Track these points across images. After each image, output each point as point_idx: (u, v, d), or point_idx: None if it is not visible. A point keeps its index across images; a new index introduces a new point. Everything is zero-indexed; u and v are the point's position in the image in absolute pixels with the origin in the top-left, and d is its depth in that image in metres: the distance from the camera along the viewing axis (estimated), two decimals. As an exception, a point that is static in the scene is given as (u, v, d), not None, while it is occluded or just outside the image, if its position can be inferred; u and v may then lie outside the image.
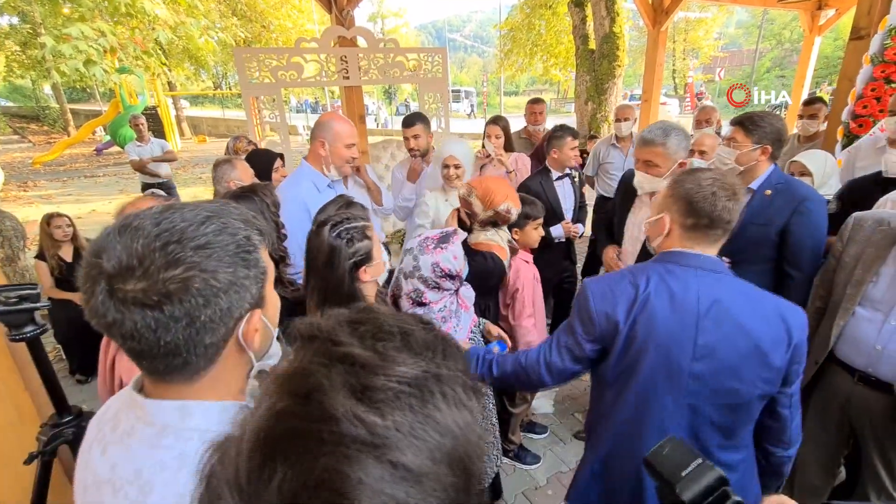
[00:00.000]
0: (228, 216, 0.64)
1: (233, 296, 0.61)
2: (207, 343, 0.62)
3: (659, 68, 5.88)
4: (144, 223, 0.58)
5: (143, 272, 0.55)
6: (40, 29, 12.29)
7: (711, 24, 25.65)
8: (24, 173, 12.36)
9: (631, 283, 1.20)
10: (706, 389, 1.14)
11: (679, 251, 1.21)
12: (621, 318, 1.18)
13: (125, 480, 0.61)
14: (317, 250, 1.29)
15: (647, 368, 1.16)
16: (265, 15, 16.61)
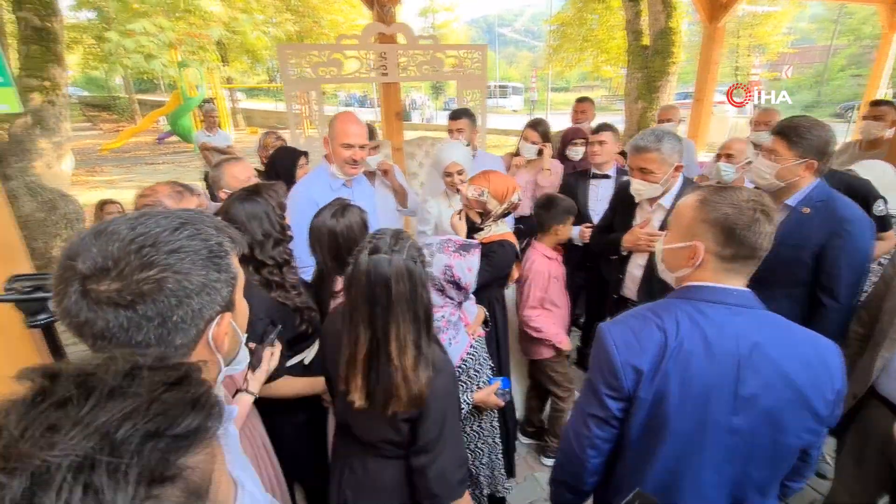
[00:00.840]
0: (201, 223, 0.66)
1: (204, 297, 0.63)
2: (178, 344, 0.63)
3: (714, 66, 5.52)
4: (120, 228, 0.60)
5: (117, 273, 0.57)
6: (112, 24, 13.16)
7: (781, 18, 23.91)
8: (93, 159, 13.31)
9: (658, 328, 1.03)
10: (746, 445, 1.01)
11: (710, 286, 1.05)
12: (649, 370, 1.01)
13: None
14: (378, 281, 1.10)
15: (680, 426, 1.01)
16: (317, 10, 17.03)
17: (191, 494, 0.37)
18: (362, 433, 1.27)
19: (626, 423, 1.07)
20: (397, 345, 1.11)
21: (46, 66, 7.26)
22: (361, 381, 1.14)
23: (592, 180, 3.02)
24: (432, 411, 1.17)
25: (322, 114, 4.39)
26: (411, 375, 1.11)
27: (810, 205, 1.77)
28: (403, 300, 1.11)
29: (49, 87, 7.33)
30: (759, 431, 1.00)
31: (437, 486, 1.20)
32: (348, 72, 4.33)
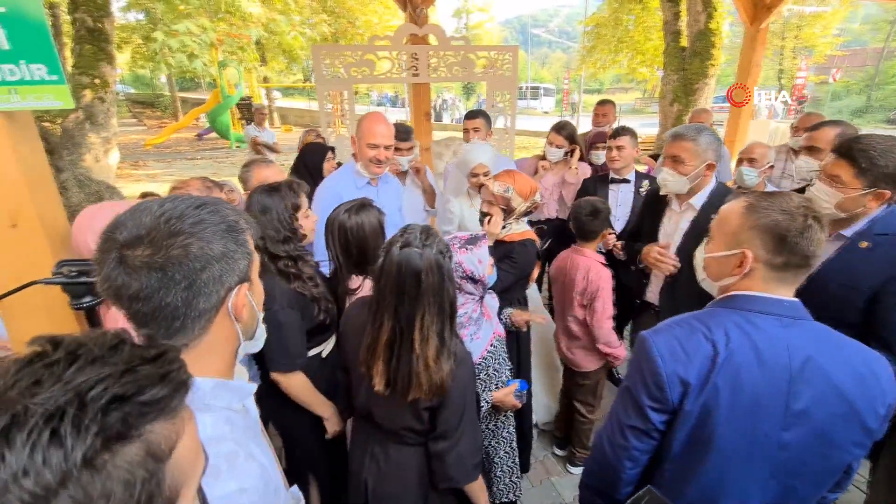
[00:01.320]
0: (220, 205, 0.74)
1: (224, 265, 0.70)
2: (202, 307, 0.70)
3: (755, 69, 5.32)
4: (151, 206, 0.69)
5: (149, 240, 0.65)
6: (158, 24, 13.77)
7: (831, 19, 22.79)
8: (137, 153, 13.93)
9: (706, 338, 0.98)
10: (795, 461, 0.97)
11: (760, 296, 1.00)
12: (697, 382, 0.96)
13: None
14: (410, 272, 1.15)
15: (727, 441, 0.97)
16: (352, 11, 17.33)
17: (149, 456, 0.41)
18: (384, 421, 1.30)
19: (667, 436, 1.03)
20: (421, 334, 1.15)
21: (98, 65, 7.69)
22: (382, 366, 1.19)
23: (612, 185, 2.97)
24: (453, 401, 1.22)
25: (353, 113, 4.47)
26: (433, 365, 1.15)
27: (870, 238, 1.52)
28: (432, 292, 1.15)
29: (99, 85, 7.75)
30: (808, 446, 0.96)
31: (454, 471, 1.26)
32: (380, 72, 4.39)
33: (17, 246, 1.24)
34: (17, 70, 1.12)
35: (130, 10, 16.47)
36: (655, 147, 10.13)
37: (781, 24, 22.72)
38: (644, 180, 2.94)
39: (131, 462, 0.40)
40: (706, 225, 1.90)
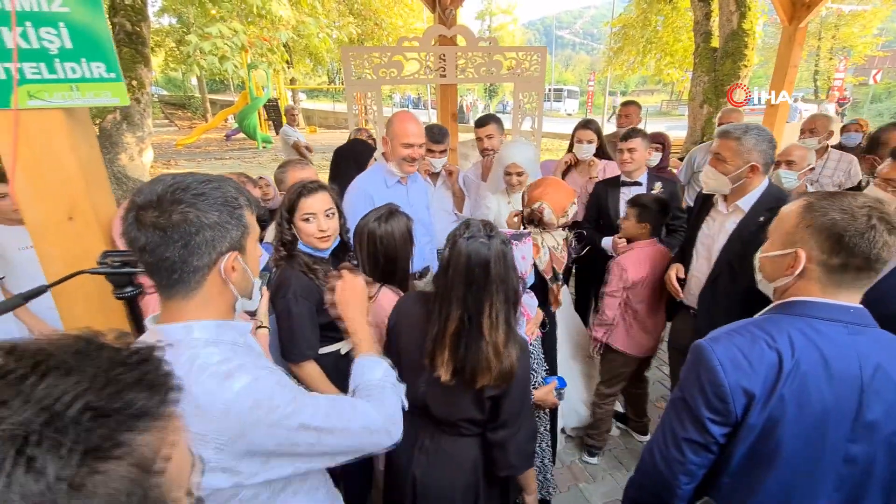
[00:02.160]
0: (225, 182, 0.87)
1: (216, 231, 0.83)
2: (195, 265, 0.83)
3: (792, 70, 5.15)
4: (166, 178, 0.83)
5: (158, 205, 0.79)
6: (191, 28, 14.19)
7: (872, 17, 21.93)
8: (169, 153, 14.37)
9: (769, 346, 0.94)
10: (862, 474, 0.94)
11: (822, 302, 0.96)
12: (762, 394, 0.92)
13: None
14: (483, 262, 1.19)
15: (792, 454, 0.93)
16: (379, 13, 17.52)
17: (140, 470, 0.38)
18: (442, 413, 1.32)
19: (726, 449, 0.99)
20: (489, 321, 1.19)
21: (135, 67, 7.98)
22: (448, 356, 1.22)
23: (623, 187, 2.88)
24: (516, 387, 1.25)
25: (381, 114, 4.51)
26: (503, 350, 1.19)
27: None
28: (499, 280, 1.19)
29: (136, 87, 8.03)
30: (876, 460, 0.92)
31: (515, 458, 1.30)
32: (408, 73, 4.42)
33: (73, 237, 1.30)
34: (78, 68, 1.17)
35: (164, 14, 17.03)
36: (683, 150, 9.93)
37: (818, 24, 21.98)
38: (656, 182, 2.86)
39: (121, 479, 0.36)
40: (753, 228, 1.87)
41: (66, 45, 1.15)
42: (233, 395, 0.80)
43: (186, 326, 0.86)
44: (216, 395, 0.80)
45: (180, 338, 0.85)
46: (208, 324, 0.87)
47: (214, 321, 0.88)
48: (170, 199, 0.79)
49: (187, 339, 0.85)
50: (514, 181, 2.48)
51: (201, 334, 0.86)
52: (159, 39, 18.36)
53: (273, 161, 13.31)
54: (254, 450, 0.83)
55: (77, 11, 1.14)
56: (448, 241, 1.25)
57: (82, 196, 1.27)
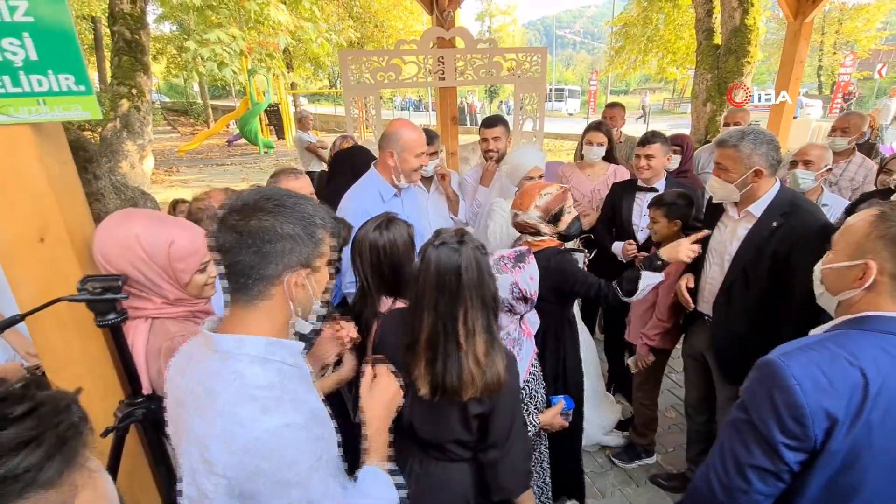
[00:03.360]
0: (304, 200, 0.90)
1: (289, 243, 0.85)
2: (262, 273, 0.84)
3: (798, 66, 5.05)
4: (261, 189, 0.89)
5: (241, 210, 0.84)
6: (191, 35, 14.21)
7: (874, 11, 21.70)
8: (171, 160, 14.38)
9: (852, 364, 0.86)
10: None
11: (893, 316, 0.90)
12: (845, 417, 0.84)
13: (199, 390, 0.84)
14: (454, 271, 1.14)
15: (878, 489, 0.85)
16: (378, 16, 17.49)
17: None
18: (428, 434, 1.25)
19: (798, 478, 0.90)
20: (466, 330, 1.14)
21: (135, 75, 7.94)
22: (424, 367, 1.16)
23: (638, 193, 2.77)
24: (504, 404, 1.20)
25: (379, 118, 4.45)
26: (483, 360, 1.14)
27: None
28: (473, 286, 1.15)
29: (136, 95, 8.00)
30: None
31: (508, 480, 1.24)
32: (406, 76, 4.35)
33: (45, 260, 1.23)
34: (45, 80, 1.10)
35: (164, 22, 17.07)
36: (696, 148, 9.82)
37: (821, 19, 21.77)
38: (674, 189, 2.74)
39: None
40: (766, 233, 1.79)
41: (31, 57, 1.07)
42: (260, 433, 0.78)
43: (239, 340, 0.86)
44: (245, 429, 0.78)
45: (230, 349, 0.85)
46: (259, 340, 0.86)
47: (266, 338, 0.87)
48: (253, 206, 0.84)
49: (236, 353, 0.85)
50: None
51: (251, 350, 0.85)
52: (161, 47, 18.40)
53: (275, 166, 13.29)
54: (251, 497, 0.80)
55: (43, 21, 1.07)
56: (420, 252, 1.21)
57: (54, 215, 1.20)
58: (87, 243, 1.28)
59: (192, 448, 0.82)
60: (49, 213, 1.20)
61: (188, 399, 0.86)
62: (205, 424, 0.80)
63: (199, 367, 0.87)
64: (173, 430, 0.93)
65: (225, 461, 0.77)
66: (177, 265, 1.27)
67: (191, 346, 0.95)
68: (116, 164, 8.10)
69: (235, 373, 0.83)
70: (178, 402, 0.89)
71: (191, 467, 0.82)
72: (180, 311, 1.33)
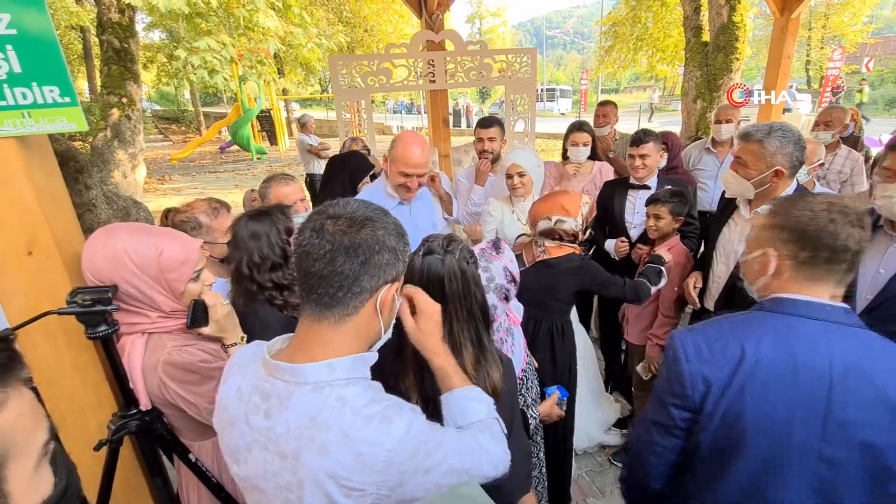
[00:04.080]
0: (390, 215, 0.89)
1: (391, 257, 0.83)
2: (362, 285, 0.81)
3: (786, 62, 5.09)
4: (355, 201, 0.86)
5: (349, 219, 0.81)
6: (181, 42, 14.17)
7: (860, 6, 21.92)
8: (163, 168, 14.32)
9: (735, 340, 0.98)
10: (840, 476, 0.92)
11: (796, 299, 0.98)
12: (720, 384, 0.97)
13: (303, 427, 0.78)
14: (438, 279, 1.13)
15: (758, 447, 0.95)
16: (368, 20, 17.49)
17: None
18: None
19: (696, 436, 1.03)
20: (451, 342, 1.12)
21: (124, 84, 7.90)
22: (414, 377, 1.14)
23: (631, 190, 2.78)
24: (502, 408, 1.18)
25: (370, 122, 4.45)
26: (472, 373, 1.12)
27: None
28: (457, 299, 1.12)
29: (126, 104, 7.96)
30: (855, 462, 0.90)
31: (508, 482, 1.21)
32: (397, 80, 4.36)
33: (33, 273, 1.22)
34: (29, 93, 1.10)
35: (153, 30, 17.01)
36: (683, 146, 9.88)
37: (807, 14, 21.98)
38: (667, 186, 2.72)
39: None
40: None
41: (14, 70, 1.07)
42: (395, 443, 0.77)
43: (329, 366, 0.81)
44: (380, 444, 0.76)
45: (324, 378, 0.81)
46: (346, 361, 0.83)
47: (350, 357, 0.84)
48: (361, 216, 0.82)
49: (331, 380, 0.81)
50: (516, 182, 2.41)
51: (342, 373, 0.82)
52: (151, 55, 18.33)
53: (268, 172, 13.24)
54: (405, 499, 0.80)
55: (26, 33, 1.06)
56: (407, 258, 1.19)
57: (41, 228, 1.19)
58: (76, 255, 1.27)
59: (327, 486, 0.77)
60: (36, 226, 1.19)
61: (294, 444, 0.79)
62: (331, 460, 0.76)
63: (289, 403, 0.80)
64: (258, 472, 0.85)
65: (376, 480, 0.76)
66: (169, 275, 1.25)
67: (256, 378, 0.87)
68: (108, 173, 8.05)
69: (338, 399, 0.80)
70: (278, 452, 0.81)
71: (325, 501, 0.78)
72: (176, 323, 1.32)
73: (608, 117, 4.14)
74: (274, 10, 8.47)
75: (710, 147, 3.58)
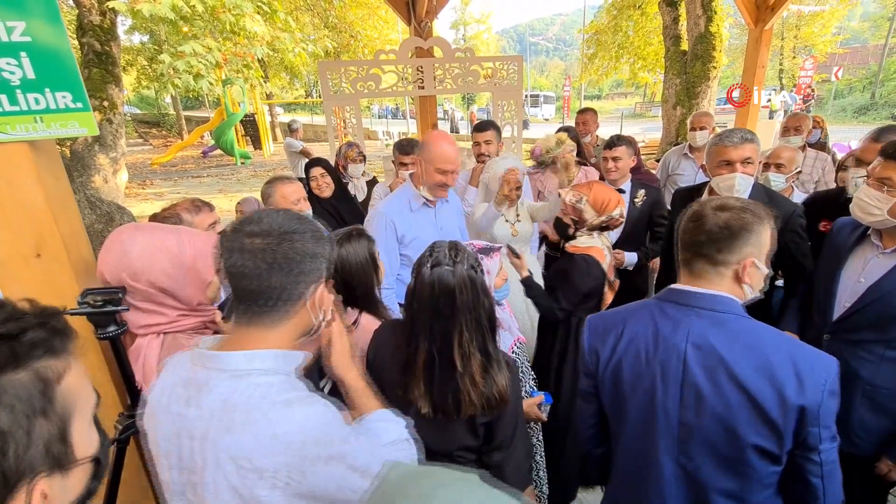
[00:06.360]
0: (310, 219, 0.93)
1: (314, 263, 0.88)
2: (294, 292, 0.87)
3: (760, 71, 5.31)
4: (271, 212, 0.89)
5: (268, 234, 0.84)
6: (164, 46, 13.99)
7: (830, 17, 22.81)
8: (144, 173, 14.08)
9: (622, 320, 1.18)
10: (699, 440, 1.05)
11: (678, 289, 1.12)
12: (605, 355, 1.17)
13: (215, 409, 0.82)
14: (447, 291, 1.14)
15: (634, 410, 1.13)
16: (354, 25, 17.52)
17: (38, 380, 0.54)
18: (436, 445, 1.26)
19: (600, 400, 1.24)
20: (461, 352, 1.14)
21: (105, 88, 7.78)
22: (423, 387, 1.17)
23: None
24: (508, 410, 1.21)
25: (360, 127, 4.49)
26: (480, 380, 1.15)
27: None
28: (467, 309, 1.14)
29: (108, 107, 7.84)
30: (710, 429, 1.02)
31: (513, 479, 1.26)
32: (386, 86, 4.42)
33: (42, 275, 1.23)
34: (42, 99, 1.12)
35: (134, 33, 16.73)
36: (659, 151, 10.12)
37: (780, 25, 22.75)
38: (640, 190, 2.84)
39: (23, 383, 0.52)
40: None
41: (28, 76, 1.09)
42: (296, 427, 0.80)
43: (248, 356, 0.85)
44: (280, 425, 0.79)
45: (241, 367, 0.85)
46: (268, 353, 0.87)
47: (276, 351, 0.88)
48: (278, 230, 0.85)
49: (248, 369, 0.85)
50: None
51: (263, 364, 0.86)
52: (130, 58, 18.01)
53: (253, 177, 13.13)
54: (313, 493, 0.82)
55: (40, 40, 1.09)
56: (413, 268, 1.20)
57: (50, 231, 1.21)
58: (83, 257, 1.29)
59: (225, 467, 0.80)
60: (45, 229, 1.21)
61: (204, 425, 0.83)
62: (235, 439, 0.79)
63: (208, 388, 0.84)
64: (174, 463, 0.88)
65: (275, 462, 0.79)
66: (199, 264, 1.29)
67: (184, 371, 0.90)
68: (89, 178, 7.90)
69: (252, 384, 0.83)
70: (188, 434, 0.85)
71: (229, 486, 0.80)
72: (194, 321, 1.35)
73: (588, 125, 4.26)
74: (260, 14, 8.45)
75: (687, 153, 3.71)
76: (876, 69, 24.16)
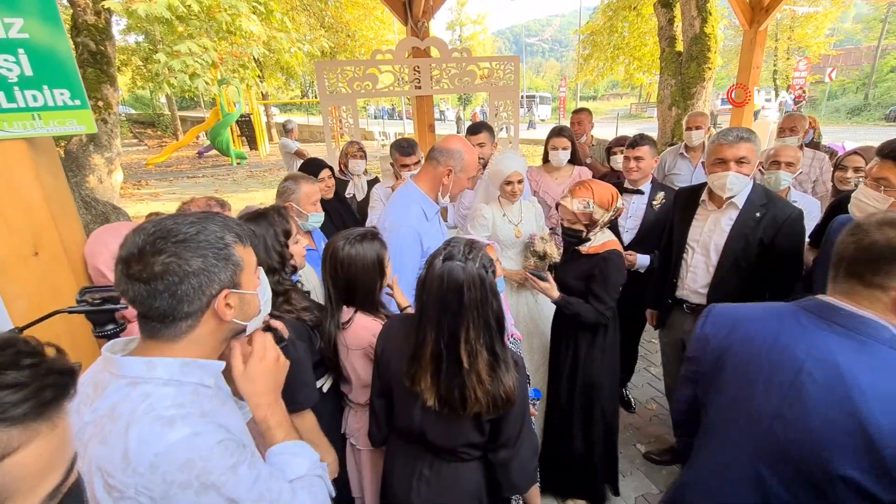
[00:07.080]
0: (210, 222, 0.84)
1: (203, 278, 0.81)
2: (187, 310, 0.81)
3: (755, 71, 5.34)
4: (147, 226, 0.80)
5: (140, 257, 0.77)
6: (159, 46, 13.91)
7: (823, 19, 22.98)
8: (139, 173, 14.00)
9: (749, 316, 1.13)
10: (782, 451, 0.97)
11: (825, 301, 1.00)
12: (716, 344, 1.15)
13: (102, 416, 0.78)
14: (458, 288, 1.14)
15: (728, 409, 1.09)
16: (350, 25, 17.49)
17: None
18: (441, 439, 1.27)
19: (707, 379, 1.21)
20: (468, 349, 1.14)
21: (100, 87, 7.74)
22: (430, 379, 1.17)
23: (624, 195, 2.77)
24: (515, 408, 1.21)
25: (357, 127, 4.49)
26: (487, 379, 1.15)
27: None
28: (475, 307, 1.14)
29: (103, 107, 7.79)
30: (798, 445, 0.94)
31: (519, 478, 1.26)
32: (383, 86, 4.42)
33: (40, 273, 1.22)
34: (39, 96, 1.12)
35: (130, 33, 16.66)
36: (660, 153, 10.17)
37: (774, 26, 22.91)
38: (660, 192, 2.75)
39: None
40: (752, 223, 1.97)
41: (26, 73, 1.09)
42: (166, 448, 0.73)
43: (149, 362, 0.81)
44: (149, 445, 0.73)
45: (140, 374, 0.80)
46: (172, 362, 0.82)
47: (179, 359, 0.83)
48: (150, 249, 0.78)
49: (146, 377, 0.80)
50: (516, 189, 2.48)
51: (163, 373, 0.81)
52: (125, 58, 17.92)
53: (248, 177, 13.08)
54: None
55: (38, 37, 1.08)
56: (427, 260, 1.21)
57: (48, 229, 1.21)
58: (81, 256, 1.29)
59: (94, 479, 0.74)
60: (43, 227, 1.20)
61: (90, 431, 0.77)
62: (105, 451, 0.74)
63: (105, 392, 0.80)
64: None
65: (136, 483, 0.73)
66: None
67: (96, 374, 0.86)
68: (83, 178, 7.85)
69: (143, 395, 0.78)
70: (78, 437, 0.78)
71: (97, 500, 0.75)
72: None
73: (583, 125, 4.27)
74: (256, 14, 8.43)
75: (683, 152, 3.73)
76: (869, 70, 24.37)
